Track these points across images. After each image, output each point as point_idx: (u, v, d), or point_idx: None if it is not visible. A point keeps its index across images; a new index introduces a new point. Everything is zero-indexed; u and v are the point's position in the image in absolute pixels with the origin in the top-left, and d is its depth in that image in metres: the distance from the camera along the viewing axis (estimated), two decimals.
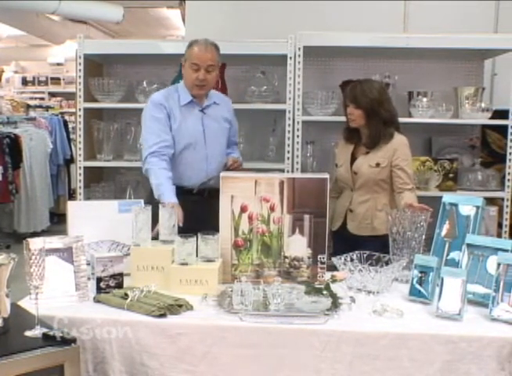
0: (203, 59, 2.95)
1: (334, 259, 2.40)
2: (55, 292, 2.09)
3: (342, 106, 3.20)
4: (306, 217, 2.36)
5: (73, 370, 1.70)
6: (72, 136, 7.99)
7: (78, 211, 2.53)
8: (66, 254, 2.15)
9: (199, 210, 2.76)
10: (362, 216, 3.06)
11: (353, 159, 3.10)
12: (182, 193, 2.88)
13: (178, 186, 2.89)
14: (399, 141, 3.04)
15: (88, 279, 2.21)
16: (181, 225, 2.51)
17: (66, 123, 8.33)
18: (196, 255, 2.30)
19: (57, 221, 7.69)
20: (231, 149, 3.27)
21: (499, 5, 4.49)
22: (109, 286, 2.20)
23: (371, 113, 2.99)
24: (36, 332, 1.74)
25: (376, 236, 2.95)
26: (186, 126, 3.03)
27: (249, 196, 2.36)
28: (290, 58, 3.74)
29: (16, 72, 13.88)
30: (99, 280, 2.19)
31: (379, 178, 3.02)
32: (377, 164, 3.00)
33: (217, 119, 3.14)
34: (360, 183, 3.05)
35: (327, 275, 2.40)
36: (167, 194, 2.76)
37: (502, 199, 3.78)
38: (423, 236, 2.51)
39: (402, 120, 3.28)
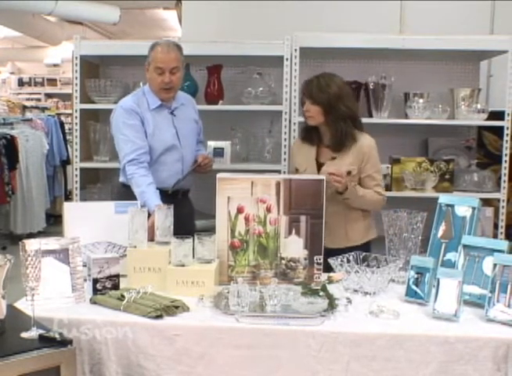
0: (167, 62, 2.94)
1: (331, 260, 2.40)
2: (52, 293, 2.09)
3: (299, 103, 3.04)
4: (302, 218, 2.36)
5: (70, 372, 1.70)
6: (68, 137, 8.00)
7: (74, 212, 2.52)
8: (63, 255, 2.14)
9: (176, 211, 2.54)
10: (335, 227, 2.78)
11: (319, 165, 2.87)
12: (162, 195, 2.86)
13: (157, 188, 2.88)
14: (368, 144, 2.84)
15: (85, 280, 2.21)
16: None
17: (62, 124, 8.34)
18: (193, 256, 2.30)
19: (53, 222, 7.67)
20: (197, 147, 3.28)
21: (495, 7, 4.50)
22: (106, 287, 2.20)
23: (329, 110, 2.78)
24: (32, 333, 1.74)
25: (353, 247, 2.64)
26: (160, 130, 3.02)
27: (245, 197, 2.36)
28: (287, 59, 3.74)
29: (12, 73, 13.89)
30: (95, 281, 2.19)
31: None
32: (348, 173, 2.73)
33: (186, 120, 3.16)
34: (330, 193, 2.65)
35: (324, 276, 2.40)
36: (151, 200, 2.75)
37: (498, 200, 3.78)
38: (420, 237, 2.52)
39: (398, 121, 3.30)
